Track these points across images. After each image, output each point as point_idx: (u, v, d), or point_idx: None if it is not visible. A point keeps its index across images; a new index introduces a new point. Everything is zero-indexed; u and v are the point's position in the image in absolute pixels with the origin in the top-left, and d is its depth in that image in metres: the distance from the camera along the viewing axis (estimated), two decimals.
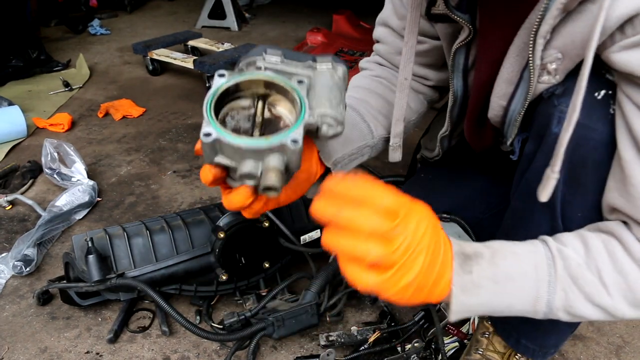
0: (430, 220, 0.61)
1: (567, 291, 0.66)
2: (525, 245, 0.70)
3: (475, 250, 0.69)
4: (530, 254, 0.68)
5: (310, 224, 1.20)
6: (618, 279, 0.64)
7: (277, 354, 1.05)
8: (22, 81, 2.51)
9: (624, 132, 0.65)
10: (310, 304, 1.01)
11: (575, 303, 0.66)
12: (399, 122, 0.93)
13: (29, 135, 1.95)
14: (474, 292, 0.65)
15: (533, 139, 0.76)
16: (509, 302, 0.67)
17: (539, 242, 0.70)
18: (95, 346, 1.07)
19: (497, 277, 0.66)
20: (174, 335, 1.09)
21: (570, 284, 0.66)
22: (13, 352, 1.05)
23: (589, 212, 0.73)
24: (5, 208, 1.50)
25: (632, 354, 1.05)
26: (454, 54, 0.84)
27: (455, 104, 0.92)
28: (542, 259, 0.67)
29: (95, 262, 1.01)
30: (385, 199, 0.55)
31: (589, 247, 0.67)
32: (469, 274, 0.66)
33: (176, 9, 4.24)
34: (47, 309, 1.15)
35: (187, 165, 1.78)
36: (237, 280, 1.13)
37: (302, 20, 3.88)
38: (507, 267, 0.67)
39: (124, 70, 2.77)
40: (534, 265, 0.67)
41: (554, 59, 0.69)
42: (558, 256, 0.67)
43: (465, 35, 0.80)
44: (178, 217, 1.13)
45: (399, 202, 0.56)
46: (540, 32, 0.65)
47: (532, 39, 0.67)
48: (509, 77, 0.76)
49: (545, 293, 0.66)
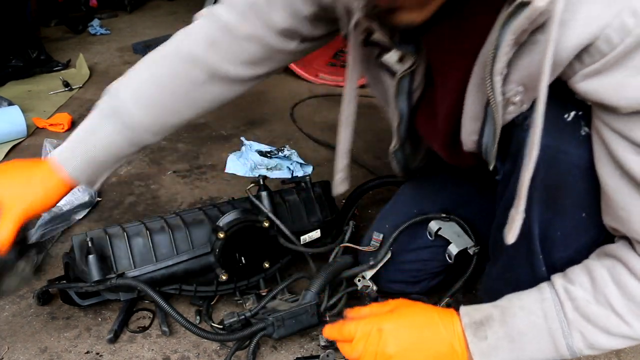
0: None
1: (582, 331, 0.67)
2: (532, 294, 0.72)
3: (485, 315, 0.72)
4: (537, 304, 0.70)
5: (310, 224, 1.20)
6: (629, 304, 0.65)
7: (277, 354, 1.05)
8: (22, 81, 2.50)
9: (605, 159, 0.63)
10: (310, 304, 1.01)
11: (595, 339, 0.67)
12: (345, 155, 0.91)
13: (28, 135, 1.95)
14: (493, 354, 0.69)
15: (509, 162, 0.75)
16: (530, 355, 0.69)
17: (547, 286, 0.71)
18: (95, 346, 1.07)
19: (511, 336, 0.69)
20: (174, 335, 1.09)
21: (584, 323, 0.66)
22: (13, 352, 1.05)
23: (570, 231, 0.72)
24: None
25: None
26: (399, 80, 0.82)
27: (401, 122, 0.91)
28: (550, 306, 0.69)
29: (95, 262, 1.01)
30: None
31: (595, 280, 0.67)
32: (485, 339, 0.69)
33: (176, 9, 4.23)
34: (47, 309, 1.15)
35: (187, 165, 1.78)
36: (237, 280, 1.13)
37: None
38: (517, 324, 0.69)
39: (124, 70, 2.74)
40: (543, 316, 0.68)
41: (516, 92, 0.66)
42: (566, 298, 0.68)
43: (409, 64, 0.78)
44: (178, 217, 1.13)
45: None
46: (496, 69, 0.62)
47: (488, 77, 0.64)
48: (473, 114, 0.74)
49: (562, 338, 0.67)
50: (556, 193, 0.70)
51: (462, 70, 0.73)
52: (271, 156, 1.79)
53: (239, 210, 1.10)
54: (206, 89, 0.96)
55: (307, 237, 1.19)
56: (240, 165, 1.74)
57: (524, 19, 0.56)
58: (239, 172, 1.72)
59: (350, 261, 1.13)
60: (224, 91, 0.99)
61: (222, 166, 1.76)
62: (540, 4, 0.53)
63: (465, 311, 0.74)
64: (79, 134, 0.93)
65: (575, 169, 0.67)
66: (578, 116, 0.66)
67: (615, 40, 0.54)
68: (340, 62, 2.80)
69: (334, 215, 1.25)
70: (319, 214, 1.23)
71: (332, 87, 2.52)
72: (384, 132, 1.09)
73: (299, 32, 0.93)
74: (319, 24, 0.93)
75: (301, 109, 2.27)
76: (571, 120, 0.66)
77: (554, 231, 0.73)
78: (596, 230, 0.72)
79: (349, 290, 1.12)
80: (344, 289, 1.12)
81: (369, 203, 1.54)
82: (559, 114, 0.67)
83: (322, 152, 1.87)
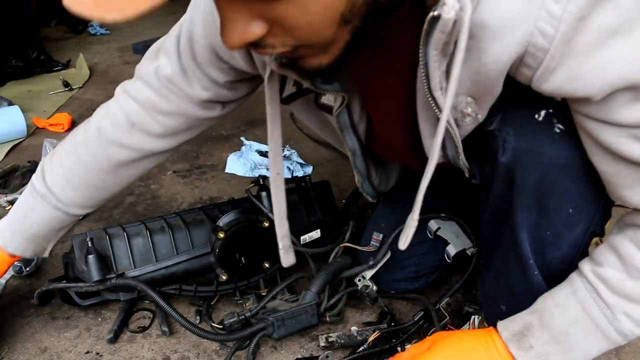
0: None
1: (627, 312, 0.65)
2: (564, 289, 0.70)
3: (524, 324, 0.70)
4: (571, 297, 0.68)
5: (311, 224, 1.20)
6: None
7: (277, 354, 1.05)
8: (22, 81, 2.50)
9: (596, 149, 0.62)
10: (310, 304, 1.01)
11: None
12: (283, 221, 0.89)
13: (28, 135, 1.95)
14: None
15: (489, 167, 0.75)
16: (581, 351, 0.67)
17: (576, 276, 0.69)
18: (95, 346, 1.07)
19: (556, 338, 0.67)
20: (174, 335, 1.09)
21: (625, 303, 0.65)
22: (13, 352, 1.05)
23: (559, 229, 0.72)
24: (5, 208, 1.50)
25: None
26: (337, 117, 0.80)
27: (355, 157, 0.90)
28: (585, 295, 0.67)
29: (95, 262, 1.01)
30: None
31: (622, 255, 0.65)
32: (530, 349, 0.67)
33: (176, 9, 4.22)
34: (47, 309, 1.15)
35: (187, 165, 1.78)
36: (237, 280, 1.13)
37: None
38: (558, 323, 0.67)
39: (124, 70, 2.77)
40: (581, 308, 0.66)
41: (466, 104, 0.65)
42: (598, 282, 0.66)
43: (340, 100, 0.76)
44: (178, 217, 1.13)
45: None
46: (433, 86, 0.60)
47: (429, 95, 0.62)
48: (429, 133, 0.72)
49: (609, 325, 0.65)
50: (538, 195, 0.69)
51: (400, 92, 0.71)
52: None
53: (239, 210, 1.10)
54: (135, 165, 0.98)
55: (307, 237, 1.19)
56: (240, 165, 1.74)
57: (439, 33, 0.53)
58: (239, 172, 1.72)
59: (350, 261, 1.14)
60: (153, 160, 1.01)
61: (222, 166, 1.76)
62: (448, 15, 0.51)
63: (503, 325, 0.72)
64: (15, 214, 0.97)
65: (554, 168, 0.66)
66: (549, 114, 0.65)
67: (550, 32, 0.52)
68: None
69: (334, 215, 1.25)
70: (319, 214, 1.23)
71: None
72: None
73: (221, 99, 0.94)
74: (239, 86, 0.93)
75: None
76: (543, 119, 0.66)
77: (543, 232, 0.72)
78: (586, 222, 0.71)
79: (349, 290, 1.12)
80: (344, 289, 1.12)
81: (368, 203, 1.54)
82: (530, 116, 0.66)
83: (322, 152, 1.87)
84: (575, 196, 0.68)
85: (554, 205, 0.70)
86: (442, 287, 1.19)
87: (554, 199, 0.69)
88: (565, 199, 0.69)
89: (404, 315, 1.15)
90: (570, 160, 0.65)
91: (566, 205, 0.69)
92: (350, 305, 1.17)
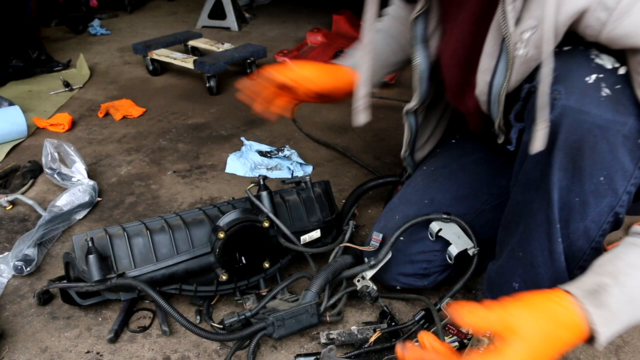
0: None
1: None
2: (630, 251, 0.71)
3: (596, 282, 0.68)
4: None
5: (311, 224, 1.21)
6: None
7: (277, 353, 1.05)
8: (22, 81, 2.51)
9: None
10: (310, 304, 1.02)
11: None
12: (366, 83, 0.97)
13: (29, 135, 1.96)
14: (616, 321, 0.66)
15: (529, 129, 0.77)
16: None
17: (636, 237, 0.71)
18: (95, 346, 1.07)
19: (633, 297, 0.67)
20: (174, 335, 1.10)
21: None
22: (13, 352, 1.05)
23: (587, 196, 0.74)
24: (6, 208, 1.50)
25: (632, 354, 1.05)
26: (412, 25, 0.88)
27: (421, 81, 0.99)
28: None
29: (96, 262, 1.01)
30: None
31: None
32: (606, 307, 0.65)
33: (176, 9, 4.24)
34: (47, 309, 1.16)
35: (187, 165, 1.78)
36: (237, 280, 1.13)
37: (302, 20, 3.88)
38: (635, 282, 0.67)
39: (124, 70, 2.77)
40: None
41: (528, 27, 0.70)
42: None
43: (421, 5, 0.84)
44: (178, 217, 1.13)
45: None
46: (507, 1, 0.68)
47: (501, 7, 0.69)
48: (490, 50, 0.78)
49: None
50: (577, 154, 0.72)
51: (471, 11, 0.79)
52: (271, 156, 1.79)
53: (239, 210, 1.10)
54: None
55: (307, 237, 1.19)
56: (240, 165, 1.74)
57: None
58: (239, 172, 1.73)
59: (350, 261, 1.14)
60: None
61: (222, 166, 1.76)
62: None
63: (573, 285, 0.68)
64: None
65: (596, 129, 0.69)
66: (599, 79, 0.69)
67: None
68: None
69: (334, 215, 1.26)
70: (319, 214, 1.23)
71: None
72: (383, 132, 1.09)
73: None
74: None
75: (301, 109, 2.27)
76: (593, 82, 0.69)
77: (572, 198, 0.75)
78: (612, 197, 0.74)
79: (349, 290, 1.12)
80: (344, 289, 1.13)
81: (369, 203, 1.54)
82: (580, 77, 0.70)
83: (322, 152, 1.87)
84: (608, 163, 0.71)
85: (588, 168, 0.72)
86: (442, 287, 1.19)
87: (590, 162, 0.72)
88: (600, 163, 0.72)
89: (404, 315, 1.15)
90: (610, 124, 0.69)
91: (599, 171, 0.72)
92: (350, 305, 1.17)
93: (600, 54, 0.70)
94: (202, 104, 2.33)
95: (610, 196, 0.74)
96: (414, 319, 1.06)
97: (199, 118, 2.17)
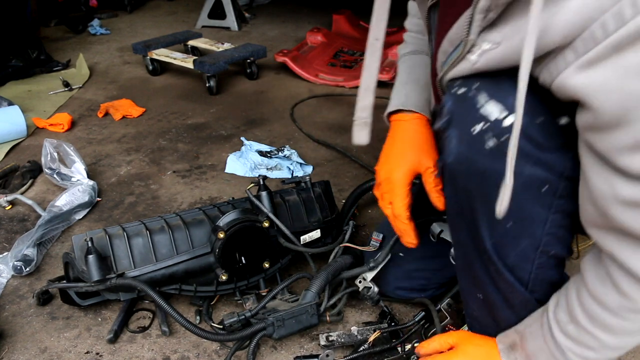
0: None
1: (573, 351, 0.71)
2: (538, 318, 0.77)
3: (512, 340, 0.80)
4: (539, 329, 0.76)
5: (310, 224, 1.20)
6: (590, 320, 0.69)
7: (277, 354, 1.05)
8: (22, 81, 2.50)
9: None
10: (310, 304, 1.01)
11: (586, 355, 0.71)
12: (368, 91, 0.79)
13: (28, 135, 1.95)
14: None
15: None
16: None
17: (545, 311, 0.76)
18: (95, 346, 1.07)
19: (530, 357, 0.77)
20: (174, 335, 1.09)
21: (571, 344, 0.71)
22: (13, 352, 1.05)
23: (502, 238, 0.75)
24: (5, 208, 1.50)
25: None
26: (428, 15, 0.84)
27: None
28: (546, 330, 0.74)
29: (95, 262, 1.01)
30: None
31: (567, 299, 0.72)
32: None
33: (176, 9, 4.24)
34: (47, 309, 1.15)
35: (187, 165, 1.78)
36: (237, 280, 1.13)
37: (302, 20, 3.88)
38: (530, 347, 0.76)
39: (124, 70, 2.77)
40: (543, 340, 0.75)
41: (491, 41, 0.64)
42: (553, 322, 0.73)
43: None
44: (178, 217, 1.13)
45: None
46: (479, 7, 0.61)
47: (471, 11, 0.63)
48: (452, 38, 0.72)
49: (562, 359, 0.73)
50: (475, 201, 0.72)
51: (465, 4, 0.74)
52: (271, 156, 1.79)
53: (239, 210, 1.10)
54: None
55: (307, 237, 1.19)
56: (240, 165, 1.74)
57: None
58: (239, 172, 1.72)
59: (350, 261, 1.14)
60: None
61: (222, 166, 1.76)
62: None
63: (499, 339, 0.82)
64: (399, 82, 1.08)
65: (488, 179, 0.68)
66: (482, 131, 0.66)
67: (610, 28, 0.51)
68: (340, 62, 2.80)
69: (334, 215, 1.25)
70: (319, 214, 1.23)
71: (332, 87, 2.52)
72: (384, 132, 1.09)
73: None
74: None
75: (301, 109, 2.27)
76: (477, 134, 0.67)
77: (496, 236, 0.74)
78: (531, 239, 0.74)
79: (349, 291, 1.12)
80: (344, 289, 1.12)
81: (369, 203, 1.54)
82: (467, 127, 0.68)
83: (322, 152, 1.87)
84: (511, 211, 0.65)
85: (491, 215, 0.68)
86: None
87: (487, 209, 0.71)
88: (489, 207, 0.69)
89: (404, 315, 1.15)
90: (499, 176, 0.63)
91: (506, 219, 0.67)
92: (350, 305, 1.17)
93: (489, 101, 0.66)
94: (202, 103, 2.33)
95: (527, 238, 0.73)
96: (414, 320, 1.06)
97: (199, 118, 2.17)
